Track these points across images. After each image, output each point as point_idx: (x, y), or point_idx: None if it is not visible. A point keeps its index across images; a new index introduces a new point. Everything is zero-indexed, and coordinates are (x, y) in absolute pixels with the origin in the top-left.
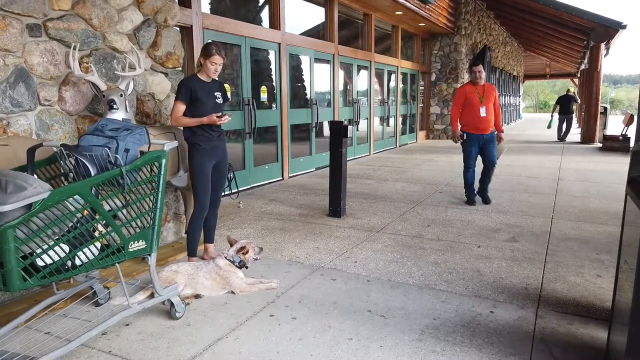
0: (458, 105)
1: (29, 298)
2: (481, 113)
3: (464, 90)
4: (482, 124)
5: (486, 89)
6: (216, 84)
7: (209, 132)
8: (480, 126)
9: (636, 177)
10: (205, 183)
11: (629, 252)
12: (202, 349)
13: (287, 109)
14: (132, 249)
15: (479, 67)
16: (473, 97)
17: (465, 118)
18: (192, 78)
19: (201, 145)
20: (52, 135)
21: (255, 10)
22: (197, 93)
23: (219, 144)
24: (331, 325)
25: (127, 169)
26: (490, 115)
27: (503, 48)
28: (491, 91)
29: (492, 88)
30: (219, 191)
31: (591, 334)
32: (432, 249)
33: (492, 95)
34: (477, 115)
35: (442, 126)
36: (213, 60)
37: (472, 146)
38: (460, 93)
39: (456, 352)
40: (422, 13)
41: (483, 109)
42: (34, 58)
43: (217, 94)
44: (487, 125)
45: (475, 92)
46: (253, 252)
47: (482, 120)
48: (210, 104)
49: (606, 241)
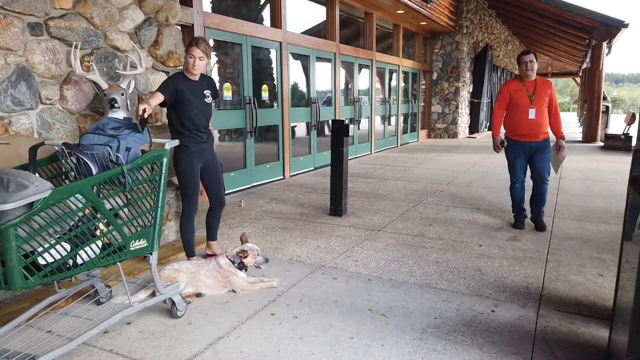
0: (502, 105)
1: (30, 297)
2: (530, 115)
3: (509, 88)
4: (530, 129)
5: (538, 85)
6: (205, 81)
7: (197, 134)
8: (526, 132)
9: (638, 176)
10: (193, 184)
11: (631, 251)
12: (203, 348)
13: (289, 107)
14: (134, 248)
15: (530, 56)
16: (520, 96)
17: (510, 121)
18: (178, 75)
19: (189, 147)
20: (54, 134)
21: (256, 9)
22: (183, 92)
23: (206, 146)
24: (332, 324)
25: (128, 168)
26: (542, 118)
27: (504, 47)
28: (545, 88)
29: (546, 84)
30: (219, 192)
31: (592, 333)
32: (434, 248)
33: (546, 93)
34: (524, 119)
35: (444, 125)
36: (191, 52)
37: (516, 156)
38: (504, 90)
39: (457, 351)
40: (424, 12)
41: (533, 111)
42: (35, 57)
43: (206, 92)
44: (537, 130)
45: (524, 90)
46: (253, 259)
47: (531, 125)
48: (198, 104)
49: (608, 240)
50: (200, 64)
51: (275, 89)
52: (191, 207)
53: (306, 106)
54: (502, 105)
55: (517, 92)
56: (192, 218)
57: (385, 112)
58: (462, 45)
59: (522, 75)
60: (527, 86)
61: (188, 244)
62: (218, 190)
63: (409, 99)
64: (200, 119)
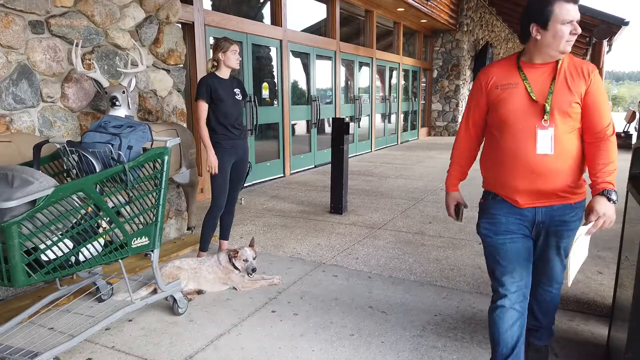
0: (471, 119)
1: (33, 294)
2: (538, 146)
3: (488, 76)
4: (535, 176)
5: (562, 78)
6: (234, 81)
7: (230, 129)
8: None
9: (637, 174)
10: (223, 182)
11: (630, 248)
12: (205, 345)
13: (289, 105)
14: (135, 245)
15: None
16: (512, 99)
17: (489, 157)
18: (211, 76)
19: (221, 143)
20: (55, 131)
21: (257, 7)
22: (217, 91)
23: (240, 142)
24: (333, 321)
25: (130, 166)
26: (564, 151)
27: (505, 45)
28: (576, 82)
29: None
30: (237, 190)
31: (592, 330)
32: (434, 246)
33: (576, 92)
34: (522, 153)
35: (444, 123)
36: (233, 49)
37: (498, 234)
38: (478, 85)
39: (457, 348)
40: (424, 9)
41: (546, 135)
42: (36, 55)
43: (236, 91)
44: (551, 179)
45: (522, 85)
46: (240, 262)
47: (536, 167)
48: (230, 102)
49: (607, 238)
50: (240, 57)
51: (275, 86)
52: (218, 204)
53: (306, 104)
54: (471, 120)
55: (505, 90)
56: (217, 216)
57: (386, 110)
58: (462, 43)
59: (532, 51)
60: (529, 77)
61: (206, 240)
62: (236, 187)
63: (409, 96)
64: (233, 115)
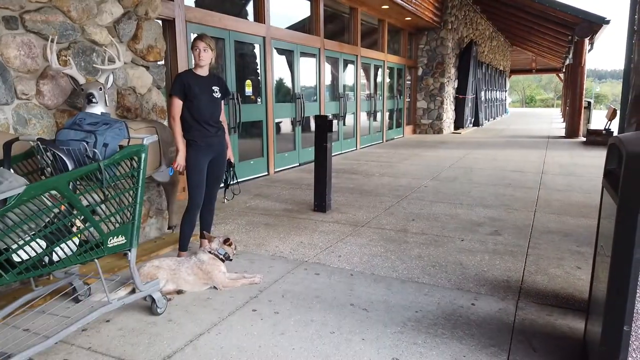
0: None
1: (7, 295)
2: None
3: None
4: None
5: None
6: (214, 78)
7: (204, 126)
8: None
9: (612, 169)
10: (199, 180)
11: (605, 241)
12: (184, 344)
13: (273, 103)
14: (112, 245)
15: None
16: None
17: None
18: (187, 72)
19: (196, 141)
20: (30, 129)
21: (240, 3)
22: (192, 88)
23: (216, 140)
24: (314, 319)
25: (105, 164)
26: None
27: (489, 43)
28: None
29: None
30: (215, 187)
31: (569, 324)
32: (416, 243)
33: None
34: None
35: (429, 121)
36: (195, 45)
37: None
38: None
39: (437, 344)
40: (409, 7)
41: None
42: (10, 51)
43: (214, 88)
44: None
45: None
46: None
47: None
48: (205, 99)
49: (587, 234)
50: (205, 56)
51: (259, 84)
52: (195, 201)
53: (291, 102)
54: None
55: None
56: (196, 214)
57: (371, 107)
58: (447, 41)
59: None
60: None
61: (185, 238)
62: (214, 184)
63: (394, 94)
64: (207, 112)
